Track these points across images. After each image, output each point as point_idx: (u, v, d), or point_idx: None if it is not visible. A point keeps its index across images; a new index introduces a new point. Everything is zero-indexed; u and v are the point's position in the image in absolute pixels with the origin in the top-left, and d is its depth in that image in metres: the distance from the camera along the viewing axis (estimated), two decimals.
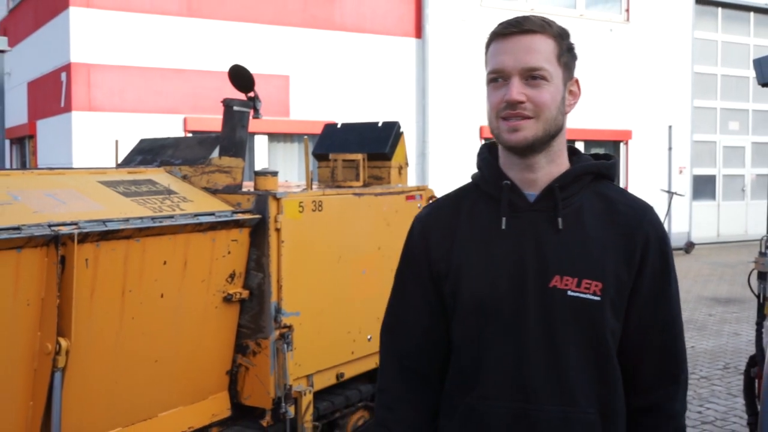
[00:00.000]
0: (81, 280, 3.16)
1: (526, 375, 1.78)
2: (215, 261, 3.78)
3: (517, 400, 1.78)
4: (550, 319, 1.79)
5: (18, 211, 3.09)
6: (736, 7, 19.90)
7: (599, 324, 1.79)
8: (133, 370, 3.50)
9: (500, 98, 1.79)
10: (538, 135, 1.79)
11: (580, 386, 1.79)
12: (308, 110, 13.64)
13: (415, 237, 1.99)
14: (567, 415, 1.77)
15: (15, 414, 3.07)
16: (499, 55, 1.80)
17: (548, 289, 1.79)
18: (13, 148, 16.36)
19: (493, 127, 1.84)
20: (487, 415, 1.81)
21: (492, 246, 1.85)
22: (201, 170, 4.12)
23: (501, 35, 1.81)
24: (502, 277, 1.82)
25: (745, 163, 20.33)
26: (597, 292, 1.78)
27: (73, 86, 12.01)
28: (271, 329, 3.92)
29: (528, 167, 1.85)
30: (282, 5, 13.54)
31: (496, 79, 1.81)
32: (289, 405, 3.98)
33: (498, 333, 1.82)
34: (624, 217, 1.85)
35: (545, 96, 1.78)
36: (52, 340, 3.09)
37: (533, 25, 1.80)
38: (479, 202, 1.93)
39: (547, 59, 1.79)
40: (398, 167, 4.97)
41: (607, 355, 1.81)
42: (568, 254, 1.80)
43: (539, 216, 1.84)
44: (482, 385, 1.83)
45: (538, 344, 1.79)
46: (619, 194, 1.91)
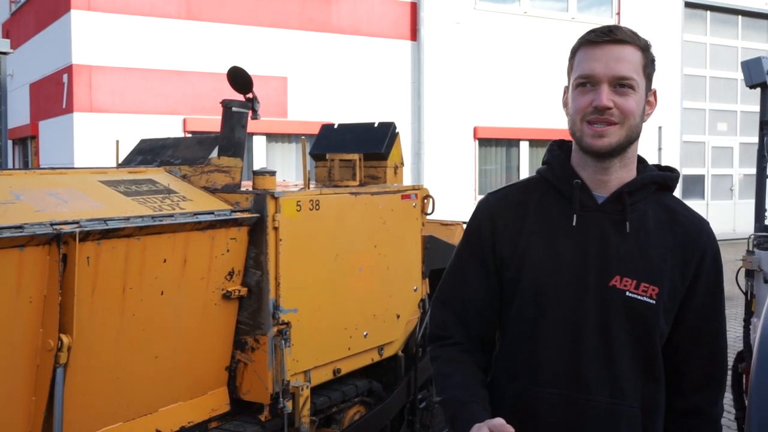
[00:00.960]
0: (82, 277, 3.16)
1: (580, 366, 1.82)
2: (214, 259, 3.78)
3: (569, 389, 1.83)
4: (607, 316, 1.83)
5: (20, 210, 3.09)
6: (725, 10, 19.94)
7: (651, 325, 1.83)
8: (134, 366, 3.49)
9: (588, 102, 1.83)
10: (620, 141, 1.84)
11: (628, 381, 1.83)
12: (306, 111, 13.64)
13: (482, 220, 2.01)
14: (614, 408, 1.81)
15: (18, 409, 3.07)
16: (589, 62, 1.84)
17: (608, 288, 1.83)
18: (15, 148, 16.33)
19: (576, 129, 1.88)
20: (537, 400, 1.85)
21: (558, 240, 1.89)
22: (200, 170, 4.11)
23: (593, 42, 1.85)
24: (565, 270, 1.86)
25: (733, 164, 20.39)
26: (653, 295, 1.82)
27: (75, 88, 12.00)
28: (269, 326, 3.92)
29: (602, 170, 1.89)
30: (280, 8, 13.53)
31: (585, 84, 1.84)
32: (286, 400, 3.98)
33: (556, 323, 1.86)
34: (684, 229, 1.90)
35: (631, 104, 1.83)
36: (54, 336, 3.09)
37: (624, 35, 1.85)
38: (547, 195, 1.96)
39: (635, 69, 1.84)
40: (394, 167, 4.97)
41: (655, 355, 1.86)
42: (630, 257, 1.84)
43: (606, 217, 1.88)
44: (534, 372, 1.87)
45: (594, 338, 1.83)
46: (681, 206, 1.96)
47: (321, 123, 5.62)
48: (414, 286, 4.92)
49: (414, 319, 4.95)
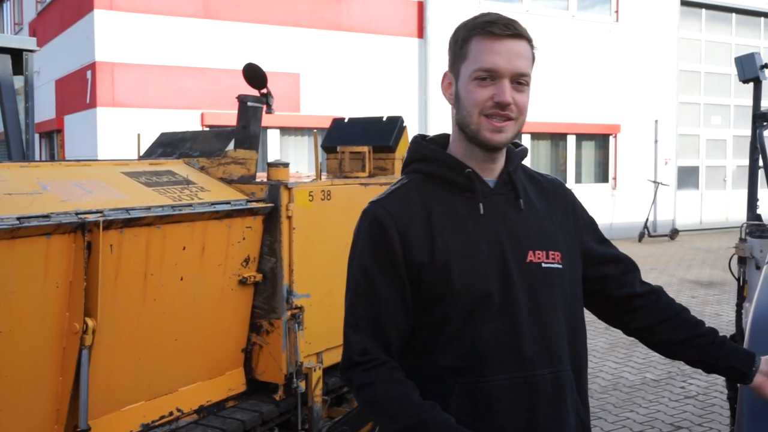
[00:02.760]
0: (106, 264, 3.17)
1: (523, 346, 1.78)
2: (231, 246, 3.78)
3: (516, 371, 1.78)
4: (534, 292, 1.81)
5: (47, 200, 3.10)
6: (719, 8, 19.81)
7: (565, 287, 1.87)
8: (155, 348, 3.51)
9: (488, 96, 1.76)
10: (514, 135, 1.83)
11: (562, 348, 1.85)
12: (317, 106, 13.63)
13: (387, 230, 1.82)
14: (556, 375, 1.82)
15: (46, 388, 3.09)
16: (491, 55, 1.75)
17: (526, 264, 1.82)
18: (42, 141, 16.38)
19: (472, 122, 1.79)
20: (487, 390, 1.77)
21: (470, 231, 1.82)
22: (217, 162, 4.11)
23: (494, 35, 1.76)
24: (487, 259, 1.80)
25: (727, 155, 20.29)
26: (558, 260, 1.86)
27: (98, 83, 12.01)
28: (284, 310, 3.93)
29: (490, 159, 1.86)
30: (293, 7, 13.50)
31: (485, 77, 1.76)
32: (300, 380, 3.99)
33: (492, 312, 1.78)
34: (550, 191, 1.98)
35: (526, 100, 1.81)
36: (80, 320, 3.10)
37: (521, 29, 1.79)
38: (440, 191, 1.86)
39: (530, 65, 1.81)
40: (402, 159, 4.96)
41: (576, 315, 1.91)
42: (533, 230, 1.86)
43: (502, 199, 1.86)
44: (480, 364, 1.77)
45: (528, 316, 1.80)
46: (536, 172, 2.03)
47: (332, 117, 5.62)
48: None
49: None
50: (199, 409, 3.75)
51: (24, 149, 5.55)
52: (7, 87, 5.44)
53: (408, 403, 1.74)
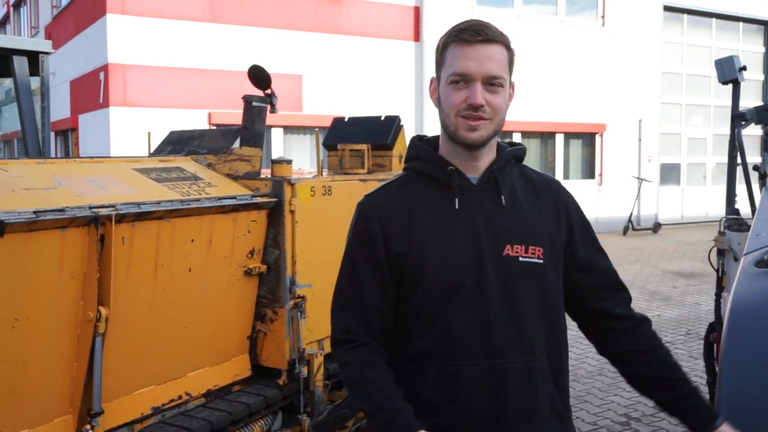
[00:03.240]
0: (118, 256, 3.17)
1: (494, 335, 1.80)
2: (237, 239, 3.78)
3: (486, 357, 1.80)
4: (508, 284, 1.82)
5: (62, 195, 3.10)
6: (700, 13, 19.81)
7: (544, 283, 1.85)
8: (165, 335, 3.51)
9: (462, 99, 1.79)
10: (490, 134, 1.83)
11: (536, 339, 1.83)
12: (319, 105, 13.62)
13: (371, 222, 1.92)
14: (527, 365, 1.81)
15: (62, 373, 3.09)
16: (464, 60, 1.79)
17: (502, 258, 1.82)
18: (57, 139, 16.36)
19: (450, 123, 1.83)
20: (459, 374, 1.81)
21: (448, 224, 1.85)
22: (224, 159, 4.11)
23: (465, 41, 1.79)
24: (462, 251, 1.82)
25: (707, 153, 20.31)
26: (540, 255, 1.85)
27: (111, 84, 12.00)
28: (287, 299, 3.93)
29: (472, 157, 1.87)
30: (295, 12, 13.48)
31: (458, 81, 1.80)
32: (302, 366, 3.99)
33: (465, 301, 1.81)
34: (544, 190, 1.95)
35: (500, 101, 1.81)
36: (93, 308, 3.10)
37: (494, 34, 1.80)
38: (427, 187, 1.91)
39: (503, 68, 1.81)
40: (399, 156, 4.96)
41: (554, 309, 1.88)
42: (514, 225, 1.85)
43: (484, 195, 1.87)
44: (451, 349, 1.82)
45: (501, 307, 1.81)
46: (533, 172, 2.01)
47: (333, 116, 5.61)
48: None
49: None
50: (207, 393, 3.76)
51: (40, 147, 5.54)
52: (24, 87, 5.43)
53: (374, 387, 1.82)
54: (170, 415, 3.55)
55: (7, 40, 5.68)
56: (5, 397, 2.87)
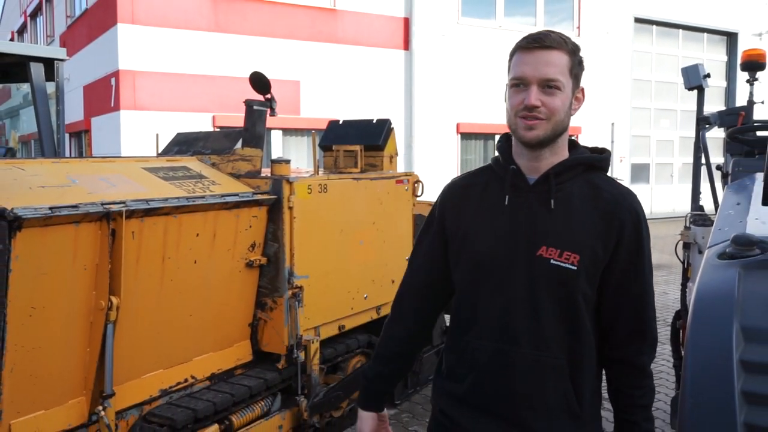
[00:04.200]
0: (128, 249, 3.16)
1: (510, 322, 1.82)
2: (239, 233, 3.78)
3: (501, 342, 1.82)
4: (534, 281, 1.81)
5: (76, 192, 3.09)
6: (668, 25, 19.86)
7: (573, 288, 1.80)
8: (172, 323, 3.50)
9: (520, 101, 1.80)
10: (547, 134, 1.80)
11: (554, 336, 1.80)
12: (315, 109, 13.60)
13: (439, 201, 2.03)
14: (539, 358, 1.80)
15: (75, 358, 3.08)
16: (521, 65, 1.81)
17: (535, 257, 1.81)
18: (71, 140, 16.28)
19: (511, 123, 1.85)
20: (476, 351, 1.86)
21: (494, 217, 1.87)
22: (227, 159, 4.10)
23: (525, 48, 1.81)
24: (500, 243, 1.84)
25: (674, 154, 20.38)
26: (575, 262, 1.79)
27: (121, 89, 11.94)
28: (285, 289, 3.93)
29: (534, 157, 1.85)
30: (293, 22, 13.45)
31: (518, 84, 1.81)
32: (300, 351, 3.99)
33: (491, 287, 1.85)
34: (605, 203, 1.83)
35: (557, 102, 1.79)
36: (105, 298, 3.09)
37: (552, 41, 1.80)
38: (492, 180, 1.94)
39: (561, 72, 1.79)
40: (389, 156, 4.96)
41: (578, 314, 1.81)
42: (555, 230, 1.81)
43: (535, 196, 1.84)
44: (476, 327, 1.87)
45: (522, 299, 1.81)
46: (607, 183, 1.89)
47: (328, 119, 5.61)
48: (406, 256, 4.93)
49: None
50: (211, 377, 3.75)
51: (55, 147, 5.52)
52: (40, 92, 5.40)
53: (375, 354, 2.12)
54: (177, 397, 3.55)
55: (25, 47, 5.65)
56: (23, 380, 2.86)
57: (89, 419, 3.14)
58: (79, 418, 3.11)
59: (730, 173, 4.28)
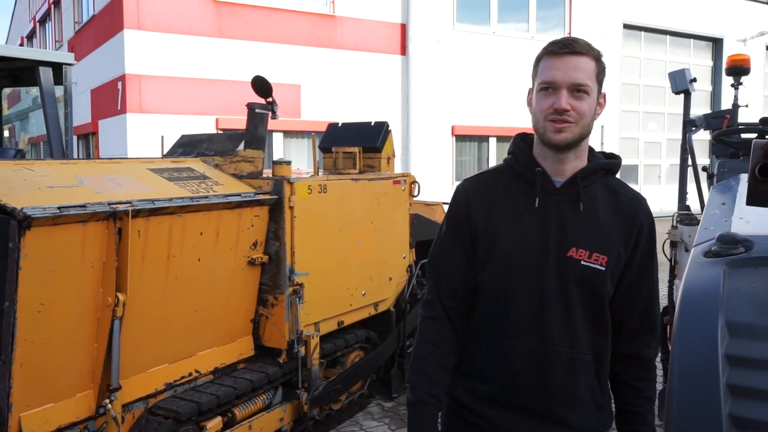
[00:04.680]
0: (134, 247, 3.16)
1: (544, 323, 1.81)
2: (241, 232, 3.78)
3: (536, 342, 1.81)
4: (565, 281, 1.80)
5: (84, 192, 3.08)
6: (656, 31, 19.87)
7: (601, 288, 1.82)
8: (176, 319, 3.50)
9: (549, 104, 1.78)
10: (575, 137, 1.79)
11: (583, 334, 1.82)
12: (316, 112, 13.59)
13: (460, 202, 1.95)
14: (573, 356, 1.82)
15: (83, 353, 3.08)
16: (551, 70, 1.79)
17: (566, 258, 1.80)
18: (79, 142, 16.26)
19: (540, 126, 1.82)
20: (510, 351, 1.83)
21: (524, 218, 1.85)
22: (230, 160, 4.10)
23: (554, 53, 1.80)
24: (530, 244, 1.82)
25: (661, 155, 20.40)
26: (603, 263, 1.81)
27: (128, 93, 11.93)
28: (286, 286, 3.93)
29: (559, 160, 1.84)
30: (294, 28, 13.45)
31: (547, 88, 1.79)
32: (300, 346, 4.00)
33: (523, 287, 1.82)
34: (625, 206, 1.86)
35: (585, 106, 1.78)
36: (112, 294, 3.09)
37: (581, 47, 1.79)
38: (513, 181, 1.90)
39: (589, 77, 1.78)
40: (387, 158, 4.96)
41: (603, 311, 1.85)
42: (584, 232, 1.81)
43: (563, 199, 1.84)
44: (506, 328, 1.84)
45: (555, 300, 1.81)
46: (622, 187, 1.92)
47: (328, 122, 5.60)
48: (403, 254, 4.93)
49: (403, 281, 4.96)
50: (215, 371, 3.75)
51: (64, 149, 5.51)
52: (49, 95, 5.39)
53: (421, 367, 1.91)
54: (181, 390, 3.54)
55: (34, 52, 5.65)
56: (33, 374, 2.86)
57: (96, 412, 3.14)
58: (86, 411, 3.11)
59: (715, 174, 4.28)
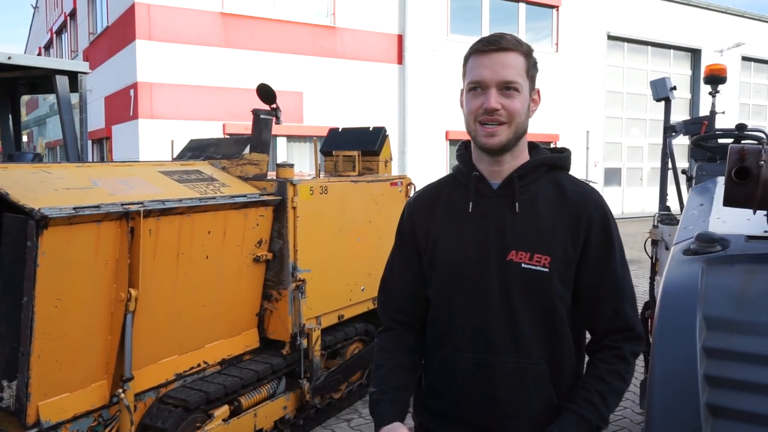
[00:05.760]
0: (146, 245, 3.16)
1: (488, 332, 1.64)
2: (247, 231, 3.77)
3: (480, 353, 1.64)
4: (508, 287, 1.63)
5: (98, 193, 3.08)
6: (638, 42, 19.91)
7: (547, 291, 1.63)
8: (186, 313, 3.50)
9: (479, 105, 1.61)
10: (509, 138, 1.63)
11: (533, 342, 1.63)
12: (317, 118, 13.59)
13: (405, 219, 1.82)
14: (520, 366, 1.63)
15: (98, 346, 3.08)
16: (479, 69, 1.62)
17: (506, 262, 1.63)
18: (93, 147, 16.24)
19: (471, 129, 1.66)
20: (455, 364, 1.68)
21: (462, 225, 1.69)
22: (236, 163, 4.10)
23: (481, 51, 1.63)
24: (470, 250, 1.66)
25: (643, 159, 20.43)
26: (546, 264, 1.62)
27: (140, 100, 11.92)
28: (289, 282, 3.92)
29: (495, 162, 1.68)
30: (297, 38, 13.45)
31: (476, 88, 1.62)
32: (302, 338, 3.99)
33: (465, 297, 1.66)
34: (571, 201, 1.67)
35: (517, 104, 1.61)
36: (125, 290, 3.08)
37: (508, 43, 1.62)
38: (456, 190, 1.75)
39: (519, 73, 1.61)
40: (384, 161, 4.96)
41: (556, 317, 1.64)
42: (523, 233, 1.64)
43: (500, 201, 1.67)
44: (453, 340, 1.68)
45: (498, 307, 1.63)
46: (570, 182, 1.72)
47: (329, 127, 5.60)
48: None
49: None
50: (222, 362, 3.75)
51: (79, 153, 5.50)
52: (65, 102, 5.38)
53: (379, 374, 1.76)
54: (190, 380, 3.54)
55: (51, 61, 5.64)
56: (50, 365, 2.85)
57: (110, 401, 3.14)
58: (101, 400, 3.11)
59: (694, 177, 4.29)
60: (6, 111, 5.97)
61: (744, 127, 4.15)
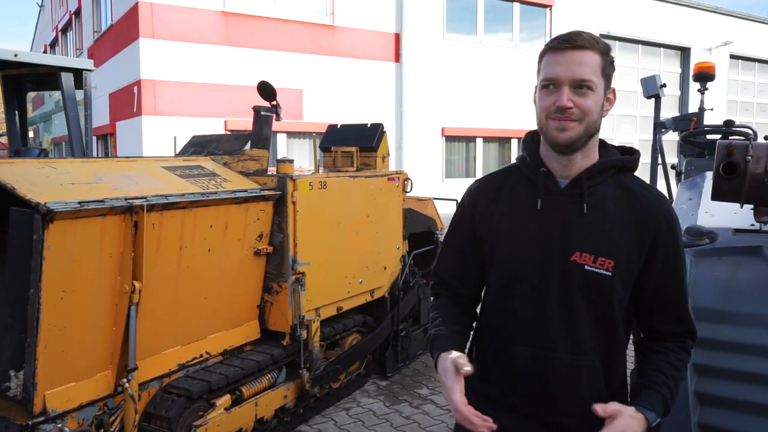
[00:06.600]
0: (149, 238, 3.15)
1: (545, 328, 1.62)
2: (248, 225, 3.77)
3: (537, 347, 1.63)
4: (568, 286, 1.60)
5: (102, 188, 3.07)
6: (629, 40, 19.90)
7: (608, 294, 1.59)
8: (188, 305, 3.50)
9: (551, 102, 1.57)
10: (580, 135, 1.58)
11: (588, 340, 1.61)
12: (316, 114, 13.58)
13: (464, 205, 1.79)
14: (575, 362, 1.61)
15: (103, 336, 3.07)
16: (553, 66, 1.57)
17: (569, 262, 1.60)
18: (98, 142, 16.21)
19: (542, 125, 1.61)
20: (511, 355, 1.66)
21: (527, 221, 1.65)
22: (237, 159, 4.09)
23: (556, 49, 1.58)
24: (532, 248, 1.63)
25: None
26: (609, 268, 1.58)
27: (143, 96, 11.89)
28: (289, 275, 3.92)
29: (566, 160, 1.63)
30: (297, 37, 13.41)
31: (549, 85, 1.58)
32: (302, 330, 3.99)
33: (526, 292, 1.64)
34: (640, 206, 1.62)
35: (590, 103, 1.56)
36: (129, 282, 3.08)
37: (584, 41, 1.56)
38: (520, 182, 1.71)
39: (594, 72, 1.56)
40: (382, 157, 4.96)
41: (612, 318, 1.62)
42: (589, 234, 1.60)
43: (567, 200, 1.63)
44: (510, 331, 1.67)
45: (557, 305, 1.61)
46: (638, 185, 1.67)
47: (328, 124, 5.59)
48: (396, 245, 4.93)
49: (396, 270, 4.96)
50: (224, 352, 3.75)
51: (84, 148, 5.49)
52: (70, 99, 5.37)
53: (433, 321, 1.76)
54: (193, 371, 3.54)
55: (56, 59, 5.62)
56: (56, 356, 2.85)
57: (115, 390, 3.14)
58: (106, 389, 3.11)
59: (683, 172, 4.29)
60: (13, 107, 5.95)
61: (732, 124, 4.16)
